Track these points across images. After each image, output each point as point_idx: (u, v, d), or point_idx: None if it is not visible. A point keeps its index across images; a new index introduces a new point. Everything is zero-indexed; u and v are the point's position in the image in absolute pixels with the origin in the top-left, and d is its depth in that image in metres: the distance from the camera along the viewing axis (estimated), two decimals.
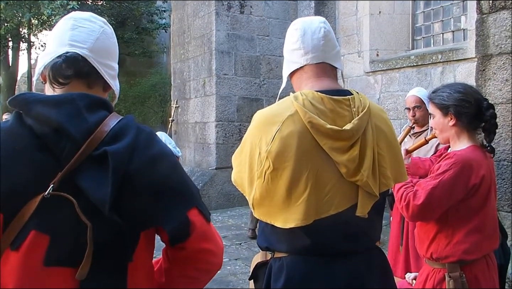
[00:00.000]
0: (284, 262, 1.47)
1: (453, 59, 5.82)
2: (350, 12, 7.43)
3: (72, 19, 1.24)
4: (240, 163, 1.49)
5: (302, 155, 1.39)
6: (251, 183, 1.43)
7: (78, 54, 1.18)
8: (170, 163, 1.16)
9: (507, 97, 3.47)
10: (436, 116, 2.14)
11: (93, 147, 1.07)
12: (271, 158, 1.38)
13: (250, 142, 1.45)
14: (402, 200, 1.99)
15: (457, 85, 2.14)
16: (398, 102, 6.54)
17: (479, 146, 2.07)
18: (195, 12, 8.58)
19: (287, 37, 1.62)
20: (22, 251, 1.04)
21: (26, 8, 11.75)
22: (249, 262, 4.54)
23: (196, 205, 1.17)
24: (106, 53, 1.25)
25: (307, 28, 1.55)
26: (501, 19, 3.51)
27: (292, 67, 1.58)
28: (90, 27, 1.23)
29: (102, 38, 1.24)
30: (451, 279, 1.96)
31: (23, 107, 1.11)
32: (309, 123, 1.40)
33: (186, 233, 1.13)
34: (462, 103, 2.04)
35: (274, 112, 1.46)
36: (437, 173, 1.96)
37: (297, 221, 1.38)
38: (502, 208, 3.51)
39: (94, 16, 1.27)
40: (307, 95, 1.45)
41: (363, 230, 1.51)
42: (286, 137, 1.39)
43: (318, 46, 1.54)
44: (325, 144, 1.40)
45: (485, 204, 2.00)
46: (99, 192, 1.04)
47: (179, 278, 1.23)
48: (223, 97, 7.94)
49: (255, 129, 1.46)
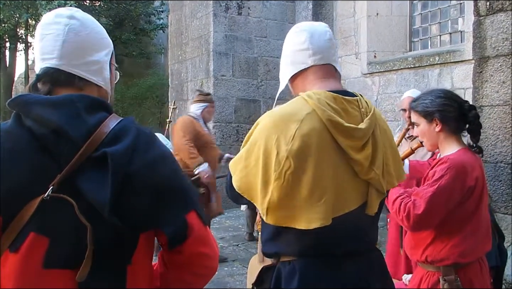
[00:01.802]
0: (296, 265, 1.44)
1: (450, 61, 5.83)
2: (348, 14, 7.44)
3: (40, 28, 1.19)
4: (246, 166, 1.42)
5: (322, 153, 1.39)
6: (266, 186, 1.36)
7: (48, 68, 1.15)
8: (170, 166, 1.16)
9: (504, 99, 3.48)
10: (421, 125, 2.12)
11: (93, 148, 1.07)
12: (292, 157, 1.34)
13: (263, 143, 1.38)
14: (401, 211, 1.96)
15: (437, 91, 2.13)
16: (395, 104, 6.54)
17: (468, 147, 2.08)
18: (193, 13, 8.58)
19: (290, 38, 1.59)
20: (21, 253, 1.04)
21: (24, 9, 11.74)
22: (246, 263, 4.53)
23: (194, 208, 1.16)
24: (79, 52, 1.18)
25: (314, 30, 1.54)
26: (498, 21, 3.52)
27: (297, 68, 1.55)
28: (55, 31, 1.17)
29: (70, 39, 1.17)
30: (445, 282, 1.95)
31: (22, 109, 1.10)
32: (328, 121, 1.40)
33: (184, 236, 1.12)
34: (446, 108, 2.04)
35: (289, 111, 1.43)
36: (434, 179, 1.94)
37: (321, 220, 1.36)
38: (499, 209, 3.51)
39: (58, 14, 1.19)
40: (320, 95, 1.44)
41: (367, 229, 1.54)
42: (307, 136, 1.37)
43: (325, 48, 1.54)
44: (343, 142, 1.41)
45: (479, 205, 2.00)
46: (99, 194, 1.03)
47: (174, 283, 1.22)
48: (220, 98, 7.93)
49: (269, 129, 1.40)
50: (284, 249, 1.48)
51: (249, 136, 1.49)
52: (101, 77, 1.23)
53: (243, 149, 1.46)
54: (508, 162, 3.48)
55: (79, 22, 1.19)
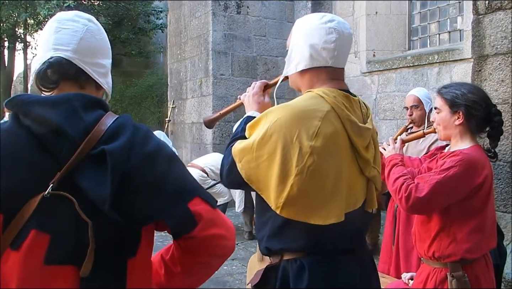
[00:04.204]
0: (304, 262, 1.45)
1: (450, 60, 5.83)
2: (347, 13, 7.43)
3: (56, 22, 1.23)
4: (257, 158, 1.41)
5: (341, 151, 1.44)
6: (284, 180, 1.37)
7: (62, 58, 1.19)
8: (167, 158, 1.17)
9: (503, 97, 3.48)
10: (443, 112, 2.10)
11: (91, 146, 1.08)
12: (315, 153, 1.37)
13: (281, 137, 1.39)
14: (402, 191, 1.96)
15: (470, 86, 2.13)
16: (394, 102, 6.55)
17: (480, 145, 2.08)
18: (192, 12, 8.58)
19: (317, 31, 1.52)
20: (22, 250, 1.05)
21: (22, 8, 11.71)
22: (245, 262, 4.53)
23: (197, 194, 1.16)
24: (92, 51, 1.24)
25: (342, 33, 1.54)
26: (497, 19, 3.52)
27: (315, 64, 1.53)
28: (74, 28, 1.22)
29: (87, 37, 1.23)
30: (453, 278, 1.95)
31: (21, 108, 1.12)
32: (347, 120, 1.45)
33: (191, 224, 1.13)
34: (474, 105, 2.03)
35: (309, 107, 1.44)
36: (442, 169, 1.94)
37: (337, 217, 1.40)
38: (498, 208, 3.52)
39: (78, 14, 1.26)
40: (334, 93, 1.48)
41: (365, 226, 1.62)
42: (329, 133, 1.41)
43: (346, 53, 1.57)
44: (357, 141, 1.47)
45: (486, 203, 2.00)
46: (99, 191, 1.04)
47: (193, 265, 1.22)
48: (220, 97, 7.93)
49: (289, 124, 1.40)
50: (290, 245, 1.48)
51: (255, 124, 1.49)
52: (105, 80, 1.28)
53: (252, 138, 1.45)
54: (507, 160, 3.49)
55: (96, 27, 1.28)
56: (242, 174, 1.44)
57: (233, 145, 1.50)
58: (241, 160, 1.44)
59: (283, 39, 8.46)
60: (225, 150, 1.57)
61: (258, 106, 1.72)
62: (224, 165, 1.53)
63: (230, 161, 1.48)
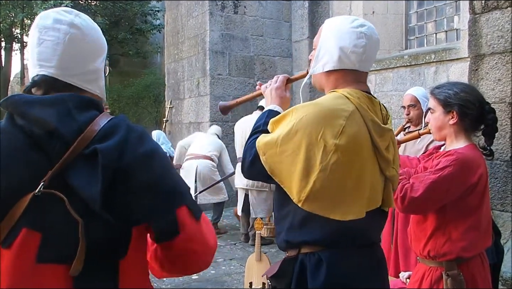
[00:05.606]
0: (322, 256, 1.49)
1: (446, 59, 5.85)
2: (344, 12, 7.43)
3: (37, 30, 1.18)
4: (282, 153, 1.46)
5: (364, 151, 1.48)
6: (308, 175, 1.42)
7: (45, 76, 1.16)
8: (161, 161, 1.16)
9: (499, 96, 3.50)
10: (437, 112, 2.10)
11: (84, 145, 1.08)
12: (340, 151, 1.42)
13: (307, 134, 1.43)
14: (397, 191, 1.97)
15: (463, 85, 2.12)
16: (391, 102, 6.56)
17: (475, 144, 2.08)
18: (189, 12, 8.57)
19: (347, 34, 1.55)
20: (14, 248, 1.05)
21: (19, 8, 11.69)
22: (243, 262, 4.54)
23: (185, 203, 1.16)
24: (78, 61, 1.19)
25: (372, 38, 1.57)
26: (493, 19, 3.53)
27: (343, 66, 1.57)
28: (54, 39, 1.16)
29: (70, 48, 1.17)
30: (449, 277, 1.95)
31: (15, 108, 1.12)
32: (371, 121, 1.50)
33: (174, 232, 1.12)
34: (467, 104, 2.02)
35: (335, 106, 1.49)
36: (437, 168, 1.95)
37: (357, 213, 1.46)
38: (495, 206, 3.53)
39: (58, 20, 1.18)
40: (358, 94, 1.53)
41: (381, 224, 1.69)
42: (353, 132, 1.45)
43: (373, 59, 1.62)
44: (379, 142, 1.52)
45: (481, 201, 2.00)
46: (90, 189, 1.04)
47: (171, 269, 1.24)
48: (217, 97, 7.92)
49: (315, 121, 1.44)
50: (309, 239, 1.51)
51: (281, 120, 1.53)
52: (97, 85, 1.25)
53: (277, 133, 1.49)
54: (504, 159, 3.50)
55: (79, 31, 1.19)
56: (266, 167, 1.49)
57: (257, 138, 1.54)
58: (265, 153, 1.49)
59: (280, 39, 8.47)
60: (246, 142, 1.60)
61: (280, 101, 1.75)
62: (246, 156, 1.56)
63: (254, 153, 1.52)
